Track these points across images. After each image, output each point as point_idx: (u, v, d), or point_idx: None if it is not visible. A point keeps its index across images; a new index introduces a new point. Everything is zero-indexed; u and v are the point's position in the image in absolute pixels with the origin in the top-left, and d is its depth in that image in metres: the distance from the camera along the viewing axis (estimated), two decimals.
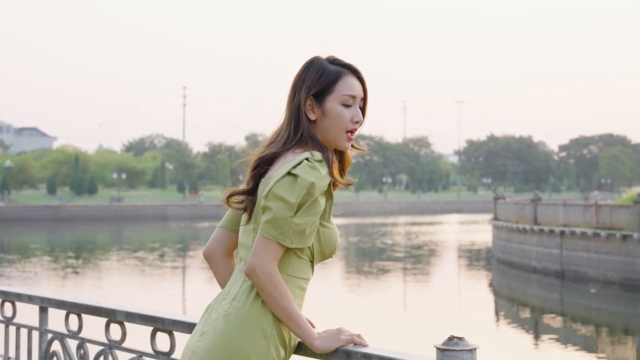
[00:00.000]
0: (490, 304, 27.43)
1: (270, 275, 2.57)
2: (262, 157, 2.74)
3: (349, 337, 2.61)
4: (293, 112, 2.75)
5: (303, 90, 2.73)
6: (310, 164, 2.58)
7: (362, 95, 2.77)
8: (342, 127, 2.72)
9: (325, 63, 2.76)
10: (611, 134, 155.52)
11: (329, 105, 2.71)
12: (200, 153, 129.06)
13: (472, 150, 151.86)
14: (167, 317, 3.14)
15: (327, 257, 2.73)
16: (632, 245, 28.70)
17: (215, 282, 27.16)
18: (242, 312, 2.60)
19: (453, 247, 49.08)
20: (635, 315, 25.27)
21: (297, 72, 2.78)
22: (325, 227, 2.69)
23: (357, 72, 2.78)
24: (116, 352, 3.48)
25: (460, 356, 2.25)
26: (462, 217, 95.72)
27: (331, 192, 2.69)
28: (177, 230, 68.89)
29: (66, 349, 3.72)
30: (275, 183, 2.58)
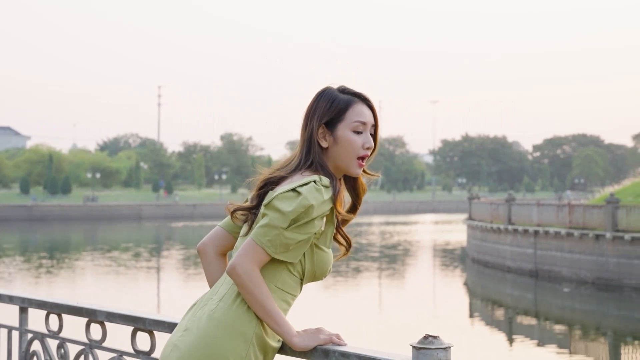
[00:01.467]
0: (465, 303, 27.58)
1: (250, 274, 2.65)
2: (269, 179, 2.83)
3: (327, 336, 2.69)
4: (306, 140, 2.84)
5: (315, 119, 2.83)
6: (316, 187, 2.67)
7: (372, 122, 2.86)
8: (353, 154, 2.81)
9: (336, 92, 2.86)
10: (584, 134, 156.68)
11: (340, 133, 2.81)
12: (175, 152, 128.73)
13: (446, 150, 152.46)
14: (148, 317, 3.20)
15: (317, 279, 2.82)
16: (605, 245, 28.96)
17: (189, 283, 27.24)
18: (227, 313, 2.68)
19: (428, 246, 49.27)
20: (607, 314, 25.50)
21: (310, 102, 2.88)
22: (322, 250, 2.78)
23: (367, 100, 2.88)
24: (97, 351, 3.52)
25: (435, 354, 2.31)
26: (437, 216, 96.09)
27: (333, 220, 2.78)
28: (152, 230, 68.68)
29: (46, 348, 3.76)
30: (278, 195, 2.67)
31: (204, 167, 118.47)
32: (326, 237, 2.77)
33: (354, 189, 2.91)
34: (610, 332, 22.27)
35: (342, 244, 2.92)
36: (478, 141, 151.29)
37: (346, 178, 2.89)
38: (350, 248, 2.93)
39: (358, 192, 2.92)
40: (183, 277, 32.62)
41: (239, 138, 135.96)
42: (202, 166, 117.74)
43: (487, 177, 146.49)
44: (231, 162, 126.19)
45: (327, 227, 2.77)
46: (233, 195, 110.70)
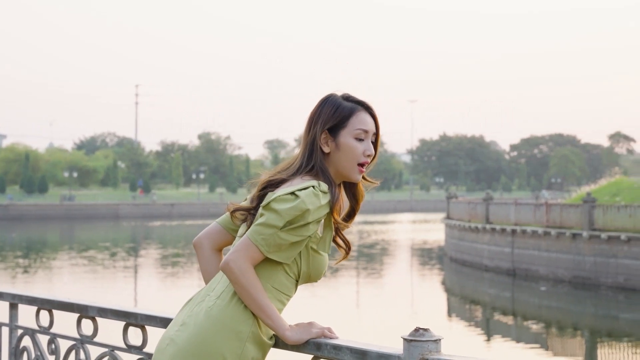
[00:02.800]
0: (443, 302, 27.68)
1: (242, 269, 2.70)
2: (270, 181, 2.88)
3: (320, 330, 2.75)
4: (308, 144, 2.90)
5: (319, 125, 2.88)
6: (314, 192, 2.72)
7: (374, 130, 2.93)
8: (354, 160, 2.87)
9: (340, 99, 2.92)
10: (561, 134, 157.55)
11: (342, 139, 2.87)
12: (152, 152, 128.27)
13: (424, 150, 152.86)
14: (140, 312, 3.23)
15: (312, 281, 2.88)
16: (582, 244, 29.17)
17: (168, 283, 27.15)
18: (224, 311, 2.73)
19: (406, 246, 49.37)
20: (584, 312, 25.68)
21: (314, 108, 2.94)
22: (319, 254, 2.84)
23: (370, 109, 2.94)
24: (88, 346, 3.54)
25: (426, 346, 2.37)
26: (415, 216, 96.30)
27: (331, 225, 2.85)
28: (129, 229, 68.41)
29: (37, 344, 3.78)
30: (277, 197, 2.73)
31: (181, 167, 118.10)
32: (325, 242, 2.84)
33: (353, 195, 2.97)
34: (586, 330, 22.43)
35: (341, 246, 2.98)
36: (456, 141, 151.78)
37: (346, 184, 2.95)
38: (350, 251, 2.98)
39: (357, 197, 2.98)
40: (161, 276, 32.54)
41: (217, 137, 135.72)
42: (180, 165, 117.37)
43: (465, 177, 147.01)
44: (209, 162, 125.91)
45: (325, 232, 2.84)
46: (211, 194, 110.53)
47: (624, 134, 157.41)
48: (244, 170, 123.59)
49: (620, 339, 21.06)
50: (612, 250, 28.07)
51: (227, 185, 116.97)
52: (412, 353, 2.38)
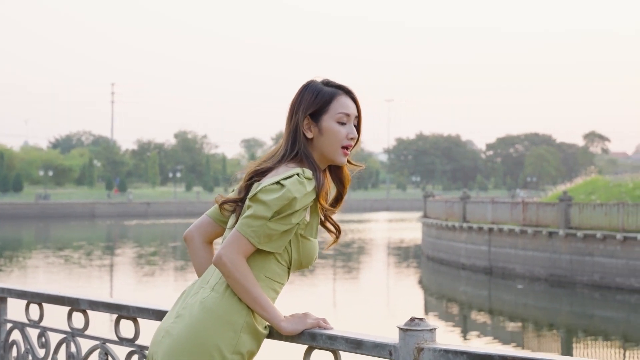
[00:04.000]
0: (420, 300, 27.77)
1: (235, 263, 2.73)
2: (257, 170, 2.90)
3: (315, 320, 2.79)
4: (291, 131, 2.92)
5: (301, 111, 2.91)
6: (299, 179, 2.75)
7: (356, 113, 2.96)
8: (338, 143, 2.90)
9: (320, 85, 2.95)
10: (537, 133, 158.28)
11: (324, 124, 2.89)
12: (128, 150, 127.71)
13: (401, 149, 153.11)
14: (133, 304, 3.23)
15: (304, 267, 2.90)
16: (558, 242, 29.36)
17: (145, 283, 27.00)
18: (218, 302, 2.76)
19: (382, 244, 49.46)
20: (560, 310, 25.86)
21: (295, 95, 2.96)
22: (308, 240, 2.86)
23: (351, 93, 2.97)
24: (79, 339, 3.53)
25: (421, 336, 2.39)
26: (391, 215, 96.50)
27: (317, 210, 2.87)
28: (105, 228, 68.09)
29: (27, 337, 3.76)
30: (262, 187, 2.75)
31: (158, 165, 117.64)
32: (312, 227, 2.86)
33: (339, 180, 2.99)
34: (562, 327, 22.59)
35: (331, 231, 2.99)
36: (432, 140, 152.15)
37: (331, 170, 2.98)
38: (340, 234, 3.00)
39: (343, 182, 3.00)
40: (139, 276, 32.43)
41: (193, 136, 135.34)
42: (156, 164, 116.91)
43: (441, 176, 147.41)
44: (186, 160, 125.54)
45: (312, 218, 2.86)
46: (187, 193, 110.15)
47: (598, 134, 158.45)
48: (221, 169, 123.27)
49: (595, 336, 21.23)
50: (588, 248, 28.28)
51: (203, 184, 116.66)
52: (407, 342, 2.40)
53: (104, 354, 3.38)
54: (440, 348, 2.33)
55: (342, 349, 2.61)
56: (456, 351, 2.28)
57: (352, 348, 2.56)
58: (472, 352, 2.22)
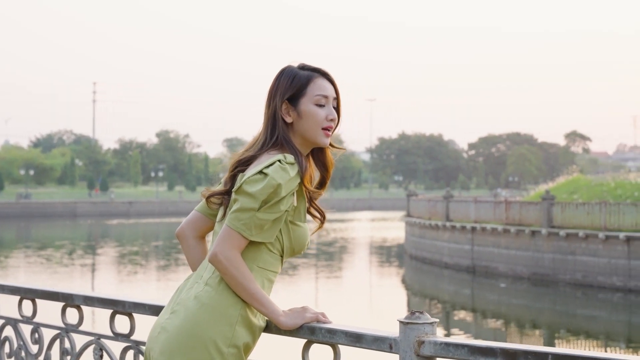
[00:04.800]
0: (403, 299, 27.81)
1: (231, 260, 2.73)
2: (240, 160, 2.90)
3: (313, 315, 2.79)
4: (270, 117, 2.91)
5: (278, 96, 2.90)
6: (281, 166, 2.74)
7: (334, 95, 2.95)
8: (317, 125, 2.89)
9: (296, 69, 2.95)
10: (518, 133, 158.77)
11: (303, 107, 2.89)
12: (110, 149, 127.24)
13: (383, 148, 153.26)
14: (128, 300, 3.21)
15: (297, 254, 2.91)
16: (541, 241, 29.48)
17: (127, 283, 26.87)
18: (213, 296, 2.76)
19: (365, 243, 49.50)
20: (542, 309, 25.97)
21: (272, 81, 2.96)
22: (297, 225, 2.86)
23: (327, 75, 2.96)
24: (73, 335, 3.51)
25: (422, 329, 2.40)
26: (374, 214, 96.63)
27: (303, 194, 2.86)
28: (87, 227, 67.84)
29: (19, 333, 3.74)
30: (246, 179, 2.75)
31: (140, 165, 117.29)
32: (299, 212, 2.86)
33: (323, 164, 2.99)
34: (545, 326, 22.69)
35: (316, 216, 2.99)
36: (414, 139, 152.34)
37: (314, 154, 2.97)
38: (325, 220, 3.00)
39: (327, 165, 2.99)
40: (121, 276, 32.32)
41: (175, 135, 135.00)
42: (138, 163, 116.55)
43: (424, 175, 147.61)
44: (168, 160, 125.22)
45: (299, 203, 2.85)
46: (169, 192, 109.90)
47: (580, 133, 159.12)
48: (203, 169, 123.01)
49: (577, 334, 21.34)
50: (570, 247, 28.42)
51: (186, 183, 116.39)
52: (408, 335, 2.40)
53: (98, 350, 3.36)
54: (441, 341, 2.33)
55: (342, 342, 2.61)
56: (457, 344, 2.28)
57: (352, 342, 2.56)
58: (473, 345, 2.22)
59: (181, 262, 37.37)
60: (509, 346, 2.13)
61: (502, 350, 2.12)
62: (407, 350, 2.39)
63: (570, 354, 2.02)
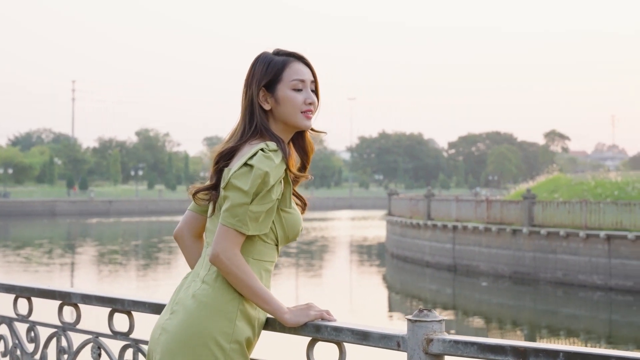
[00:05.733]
0: (384, 297, 27.83)
1: (232, 259, 2.70)
2: (221, 153, 2.85)
3: (318, 312, 2.77)
4: (247, 106, 2.88)
5: (254, 84, 2.86)
6: (265, 154, 2.70)
7: (311, 78, 2.91)
8: (296, 110, 2.85)
9: (271, 55, 2.91)
10: (498, 132, 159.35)
11: (280, 93, 2.85)
12: (90, 148, 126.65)
13: (363, 147, 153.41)
14: (127, 298, 3.18)
15: (291, 240, 2.88)
16: (522, 240, 29.58)
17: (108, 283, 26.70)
18: (210, 294, 2.73)
19: (345, 242, 49.49)
20: (524, 307, 26.05)
21: (247, 69, 2.91)
22: (287, 212, 2.83)
23: (303, 58, 2.92)
24: (70, 334, 3.46)
25: (430, 327, 2.38)
26: (354, 213, 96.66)
27: (289, 180, 2.82)
28: (66, 226, 67.49)
29: (14, 332, 3.69)
30: (233, 174, 2.71)
31: (119, 163, 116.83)
32: (285, 198, 2.82)
33: (303, 149, 2.96)
34: (526, 324, 22.75)
35: (297, 203, 2.95)
36: (394, 138, 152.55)
37: (294, 139, 2.94)
38: (306, 207, 2.97)
39: (307, 150, 2.96)
40: (102, 275, 32.17)
41: (155, 134, 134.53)
42: (118, 162, 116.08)
43: (404, 174, 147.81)
44: (148, 158, 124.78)
45: (285, 188, 2.81)
46: (150, 191, 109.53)
47: (559, 132, 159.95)
48: (183, 167, 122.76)
49: (558, 333, 21.42)
50: (551, 245, 28.53)
51: (166, 182, 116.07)
52: (416, 333, 2.38)
53: (96, 348, 3.32)
54: (450, 339, 2.31)
55: (348, 340, 2.59)
56: (466, 342, 2.26)
57: (359, 340, 2.53)
58: (482, 343, 2.21)
59: (161, 261, 37.26)
60: (520, 344, 2.12)
61: (512, 348, 2.11)
62: (415, 348, 2.38)
63: (582, 351, 2.01)
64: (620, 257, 26.50)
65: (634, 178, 34.25)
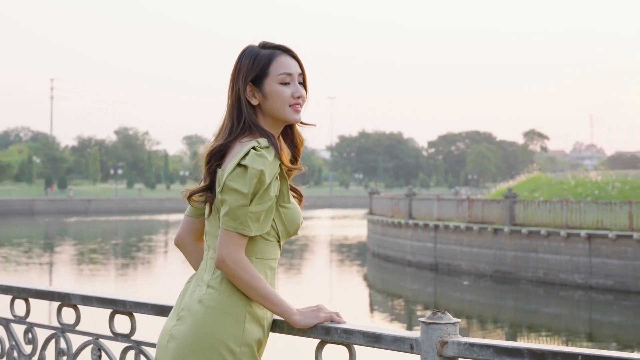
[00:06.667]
0: (365, 296, 27.83)
1: (238, 263, 2.66)
2: (212, 151, 2.79)
3: (328, 314, 2.74)
4: (234, 101, 2.82)
5: (241, 79, 2.81)
6: (257, 153, 2.65)
7: (299, 71, 2.87)
8: (284, 104, 2.80)
9: (257, 49, 2.85)
10: (477, 131, 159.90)
11: (267, 88, 2.80)
12: (68, 147, 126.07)
13: (344, 146, 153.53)
14: (129, 299, 3.12)
15: (293, 235, 2.85)
16: (503, 239, 29.67)
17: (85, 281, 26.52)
18: (217, 298, 2.69)
19: (326, 241, 49.49)
20: (505, 306, 26.13)
21: (234, 63, 2.85)
22: (286, 208, 2.79)
23: (290, 51, 2.88)
24: (70, 336, 3.40)
25: (444, 329, 2.35)
26: (334, 212, 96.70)
27: (285, 175, 2.77)
28: (45, 225, 67.13)
29: (11, 334, 3.62)
30: (228, 176, 2.66)
31: (99, 162, 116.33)
32: (283, 193, 2.78)
33: (292, 141, 2.91)
34: (507, 323, 22.82)
35: (294, 196, 2.92)
36: (374, 137, 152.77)
37: (283, 133, 2.89)
38: (303, 198, 2.94)
39: (296, 143, 2.92)
40: (85, 275, 32.02)
41: (134, 132, 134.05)
42: (97, 161, 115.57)
43: (384, 173, 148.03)
44: (127, 157, 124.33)
45: (281, 184, 2.76)
46: (129, 190, 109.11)
47: (538, 132, 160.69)
48: (163, 166, 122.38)
49: (539, 331, 21.49)
50: (532, 244, 28.63)
51: (145, 181, 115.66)
52: (430, 336, 2.35)
53: (97, 350, 3.26)
54: (465, 342, 2.28)
55: (359, 343, 2.55)
56: (482, 344, 2.23)
57: (370, 342, 2.50)
58: (498, 346, 2.17)
59: (141, 261, 37.13)
60: (537, 347, 2.09)
61: (529, 350, 2.08)
62: (429, 350, 2.35)
63: (600, 354, 1.99)
64: (600, 256, 26.64)
65: (613, 177, 34.44)
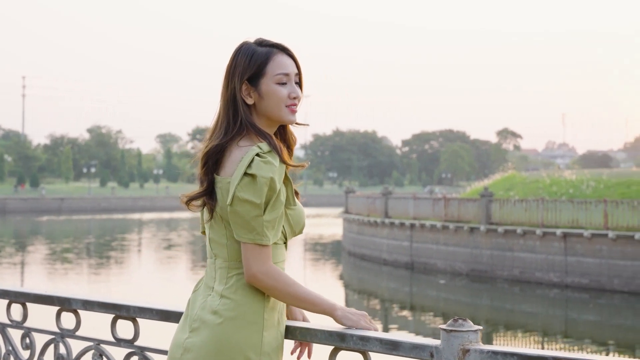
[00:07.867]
0: (341, 295, 27.81)
1: (269, 274, 2.62)
2: (207, 152, 2.71)
3: (368, 325, 2.67)
4: (229, 100, 2.74)
5: (236, 77, 2.74)
6: (263, 159, 2.59)
7: (295, 71, 2.80)
8: (281, 105, 2.74)
9: (254, 46, 2.78)
10: (451, 130, 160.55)
11: (264, 87, 2.73)
12: (40, 145, 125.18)
13: (318, 145, 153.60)
14: (133, 304, 3.04)
15: (298, 234, 2.81)
16: (479, 238, 29.75)
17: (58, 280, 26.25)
18: (232, 308, 2.62)
19: (300, 240, 49.42)
20: (481, 305, 26.22)
21: (229, 60, 2.79)
22: (292, 209, 2.74)
23: (287, 50, 2.82)
24: (70, 341, 3.31)
25: (466, 337, 2.29)
26: (309, 210, 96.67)
27: (288, 177, 2.73)
28: (16, 224, 66.60)
29: (8, 339, 3.53)
30: (237, 187, 2.58)
31: (71, 160, 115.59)
32: (288, 196, 2.73)
33: (285, 141, 2.85)
34: (483, 321, 22.84)
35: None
36: (349, 136, 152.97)
37: (276, 131, 2.83)
38: (299, 196, 2.86)
39: (289, 143, 2.86)
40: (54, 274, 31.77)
41: (107, 131, 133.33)
42: (70, 159, 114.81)
43: (358, 172, 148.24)
44: (100, 155, 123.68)
45: (286, 187, 2.72)
46: (102, 189, 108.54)
47: (511, 131, 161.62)
48: (136, 164, 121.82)
49: (515, 330, 21.59)
50: (508, 243, 28.74)
51: (118, 180, 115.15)
52: (451, 344, 2.30)
53: (98, 356, 3.18)
54: (488, 350, 2.21)
55: (376, 350, 2.49)
56: (506, 352, 2.16)
57: (388, 349, 2.44)
58: (523, 354, 2.11)
59: (114, 260, 36.95)
60: (562, 355, 2.04)
61: (554, 359, 2.03)
62: (450, 358, 2.30)
63: None
64: (576, 254, 26.79)
65: (588, 176, 34.62)
